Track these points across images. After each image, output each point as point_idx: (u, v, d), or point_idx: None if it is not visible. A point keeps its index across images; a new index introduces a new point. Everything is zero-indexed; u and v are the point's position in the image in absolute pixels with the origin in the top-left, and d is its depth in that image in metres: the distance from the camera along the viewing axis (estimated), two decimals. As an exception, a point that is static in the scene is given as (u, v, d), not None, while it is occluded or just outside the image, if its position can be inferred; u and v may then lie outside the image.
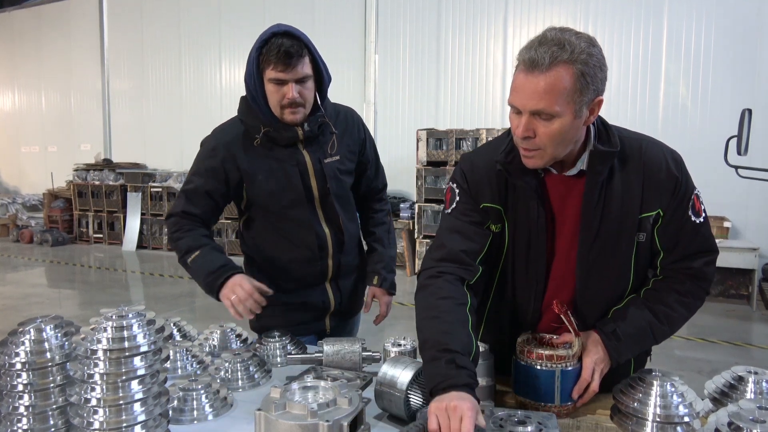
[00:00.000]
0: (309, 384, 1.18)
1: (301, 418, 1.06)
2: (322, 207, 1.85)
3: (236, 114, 1.84)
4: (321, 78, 1.77)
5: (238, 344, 1.77)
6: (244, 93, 1.78)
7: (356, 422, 1.11)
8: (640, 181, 1.31)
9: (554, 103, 1.16)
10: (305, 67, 1.68)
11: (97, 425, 1.06)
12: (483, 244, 1.39)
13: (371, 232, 2.05)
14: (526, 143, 1.23)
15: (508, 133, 1.35)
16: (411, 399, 1.28)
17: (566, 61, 1.15)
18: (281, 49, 1.62)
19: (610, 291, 1.42)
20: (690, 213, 1.34)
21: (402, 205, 7.91)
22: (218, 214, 1.88)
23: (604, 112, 1.31)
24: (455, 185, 1.44)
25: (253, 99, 1.74)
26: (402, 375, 1.27)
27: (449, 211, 1.44)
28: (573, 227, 1.36)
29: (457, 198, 1.43)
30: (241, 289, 1.63)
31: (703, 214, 1.37)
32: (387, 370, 1.30)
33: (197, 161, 1.84)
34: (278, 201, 1.81)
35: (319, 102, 1.79)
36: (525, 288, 1.44)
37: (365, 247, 2.09)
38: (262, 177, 1.79)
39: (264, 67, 1.68)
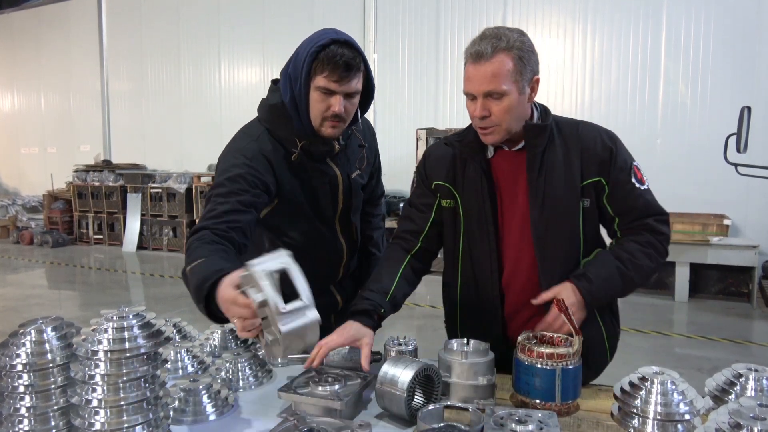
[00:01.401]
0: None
1: None
2: (340, 220, 1.82)
3: (255, 120, 1.70)
4: (368, 92, 1.67)
5: (239, 344, 1.77)
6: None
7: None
8: (578, 152, 1.52)
9: (501, 83, 1.40)
10: (358, 83, 1.57)
11: (98, 426, 1.06)
12: (423, 225, 1.68)
13: (369, 236, 2.05)
14: (484, 122, 1.46)
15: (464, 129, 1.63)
16: (412, 398, 1.28)
17: (504, 49, 1.39)
18: (341, 59, 1.49)
19: (564, 258, 1.56)
20: (633, 180, 1.52)
21: (402, 205, 7.91)
22: (255, 229, 1.60)
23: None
24: (416, 173, 1.75)
25: (294, 106, 1.59)
26: (403, 374, 1.27)
27: (410, 196, 1.76)
28: (525, 198, 1.54)
29: (415, 184, 1.74)
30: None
31: (646, 183, 1.55)
32: (388, 369, 1.30)
33: (232, 170, 1.56)
34: (304, 217, 1.73)
35: (359, 116, 1.70)
36: (484, 260, 1.60)
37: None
38: (296, 194, 1.68)
39: (315, 73, 1.53)
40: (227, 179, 1.55)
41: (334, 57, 1.50)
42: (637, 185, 1.52)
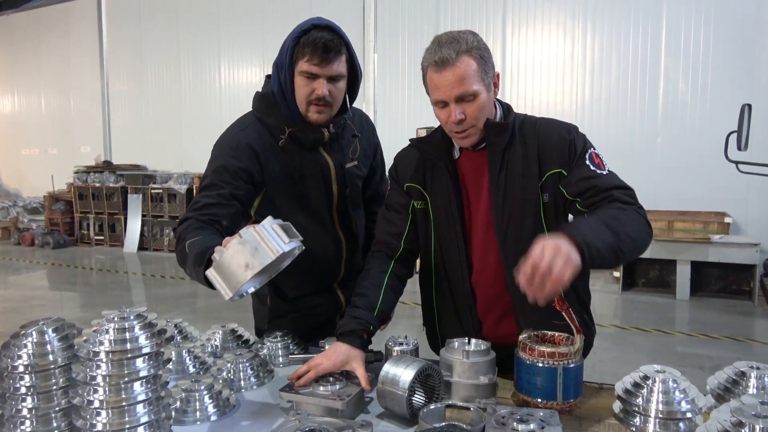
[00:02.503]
0: None
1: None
2: (338, 212, 1.81)
3: (249, 112, 1.73)
4: (354, 79, 1.69)
5: (240, 344, 1.77)
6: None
7: None
8: (535, 146, 1.53)
9: (471, 84, 1.42)
10: (340, 66, 1.59)
11: (100, 427, 1.06)
12: (404, 226, 1.67)
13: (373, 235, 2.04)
14: (461, 126, 1.46)
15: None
16: (413, 398, 1.28)
17: (466, 51, 1.41)
18: (319, 41, 1.53)
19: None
20: (589, 163, 1.49)
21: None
22: (241, 220, 1.64)
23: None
24: (389, 177, 1.74)
25: (281, 92, 1.63)
26: (404, 374, 1.27)
27: (386, 199, 1.73)
28: (488, 196, 1.56)
29: (389, 188, 1.73)
30: None
31: (606, 169, 1.50)
32: (389, 369, 1.30)
33: (217, 161, 1.63)
34: (298, 207, 1.73)
35: (348, 104, 1.71)
36: (453, 259, 1.60)
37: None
38: (286, 182, 1.69)
39: (298, 58, 1.57)
40: (212, 172, 1.62)
41: (314, 41, 1.54)
42: (593, 168, 1.47)
